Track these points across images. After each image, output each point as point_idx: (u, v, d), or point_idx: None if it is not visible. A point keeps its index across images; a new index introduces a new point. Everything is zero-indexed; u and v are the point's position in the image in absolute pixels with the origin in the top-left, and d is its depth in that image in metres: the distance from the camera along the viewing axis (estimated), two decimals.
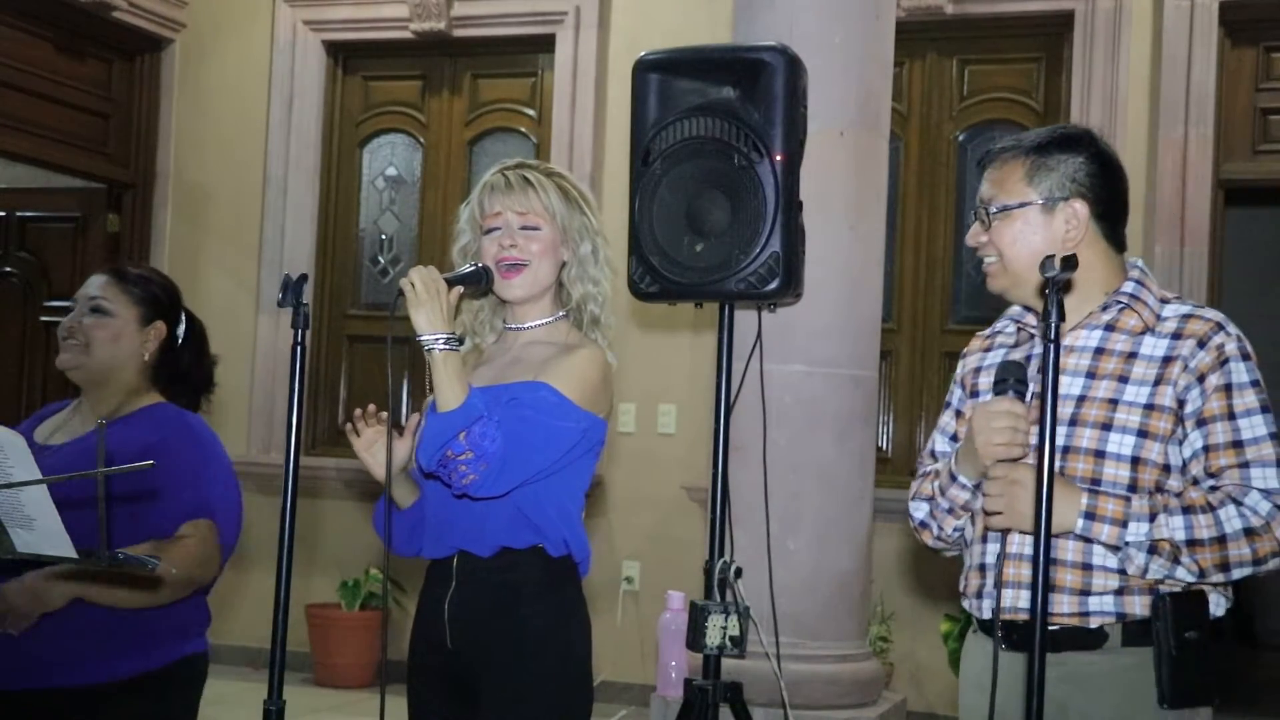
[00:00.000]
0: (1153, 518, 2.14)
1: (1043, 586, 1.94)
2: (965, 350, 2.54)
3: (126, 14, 6.65)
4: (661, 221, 3.24)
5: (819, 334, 4.12)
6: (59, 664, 2.59)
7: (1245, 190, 6.09)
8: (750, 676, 3.50)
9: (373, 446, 2.46)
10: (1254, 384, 2.22)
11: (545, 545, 2.42)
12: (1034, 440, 2.18)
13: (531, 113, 6.68)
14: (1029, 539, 2.15)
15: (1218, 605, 2.23)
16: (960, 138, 6.17)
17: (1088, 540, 2.18)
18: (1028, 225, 2.31)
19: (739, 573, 3.25)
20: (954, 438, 2.46)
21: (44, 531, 2.15)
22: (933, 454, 2.49)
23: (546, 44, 6.53)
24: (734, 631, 3.15)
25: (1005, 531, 2.21)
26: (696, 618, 3.16)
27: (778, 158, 3.17)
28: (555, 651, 2.42)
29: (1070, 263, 1.99)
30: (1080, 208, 2.30)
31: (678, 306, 3.68)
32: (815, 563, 4.13)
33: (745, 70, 3.25)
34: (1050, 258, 2.02)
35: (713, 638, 3.14)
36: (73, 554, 2.15)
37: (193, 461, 2.69)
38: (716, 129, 3.21)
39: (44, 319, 6.98)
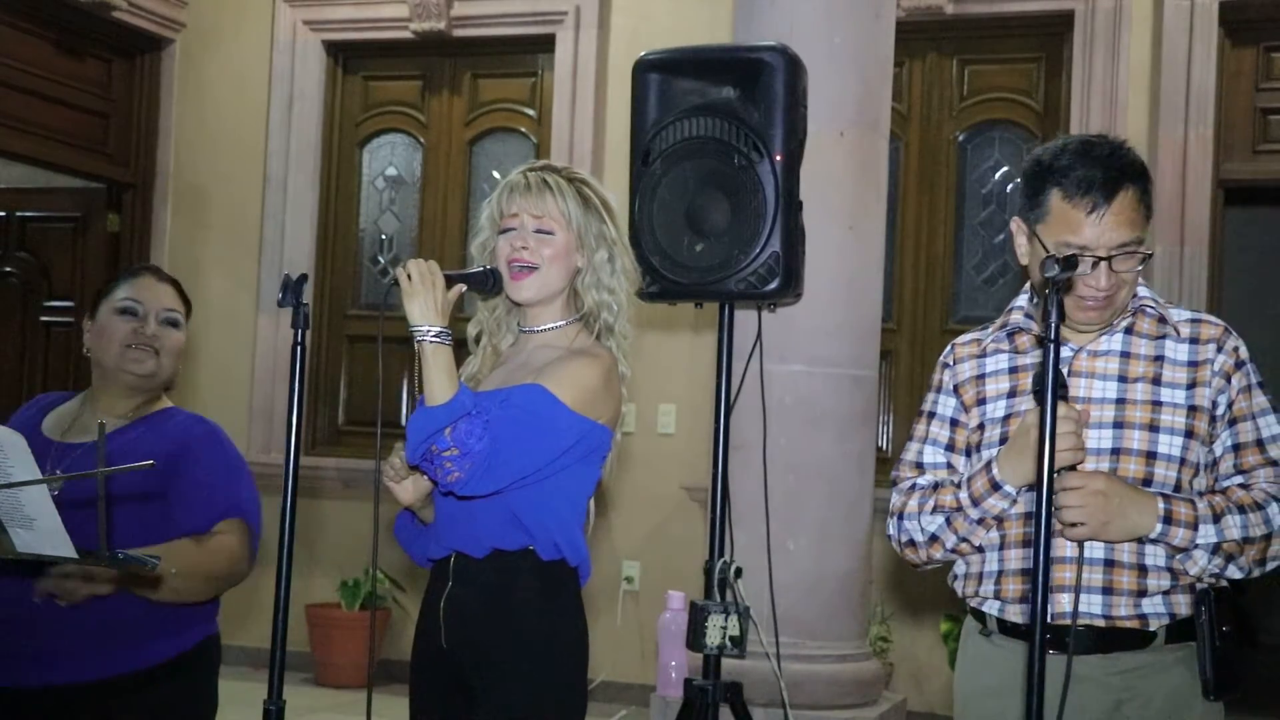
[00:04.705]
0: (1217, 519, 2.20)
1: (1043, 587, 1.92)
2: (949, 358, 2.47)
3: (126, 14, 6.65)
4: (661, 221, 3.25)
5: (819, 334, 4.12)
6: (79, 657, 2.61)
7: (1245, 190, 6.09)
8: (750, 676, 3.50)
9: (403, 481, 2.47)
10: (1261, 385, 2.32)
11: (536, 548, 2.40)
12: (1088, 444, 2.23)
13: (531, 113, 6.68)
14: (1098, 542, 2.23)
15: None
16: (960, 138, 6.17)
17: (1152, 543, 2.23)
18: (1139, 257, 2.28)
19: (739, 573, 3.26)
20: (949, 447, 2.41)
21: (44, 531, 2.15)
22: (918, 465, 2.43)
23: (546, 44, 6.53)
24: (734, 631, 3.15)
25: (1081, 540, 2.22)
26: (696, 618, 3.17)
27: (778, 158, 3.18)
28: (546, 655, 2.40)
29: (1070, 263, 1.98)
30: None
31: (678, 306, 3.68)
32: (815, 563, 4.13)
33: (745, 70, 3.25)
34: (1050, 258, 2.01)
35: (713, 638, 3.15)
36: (73, 554, 2.15)
37: (224, 463, 2.77)
38: (716, 129, 3.22)
39: (44, 319, 6.98)
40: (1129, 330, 2.33)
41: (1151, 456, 2.25)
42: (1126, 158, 2.27)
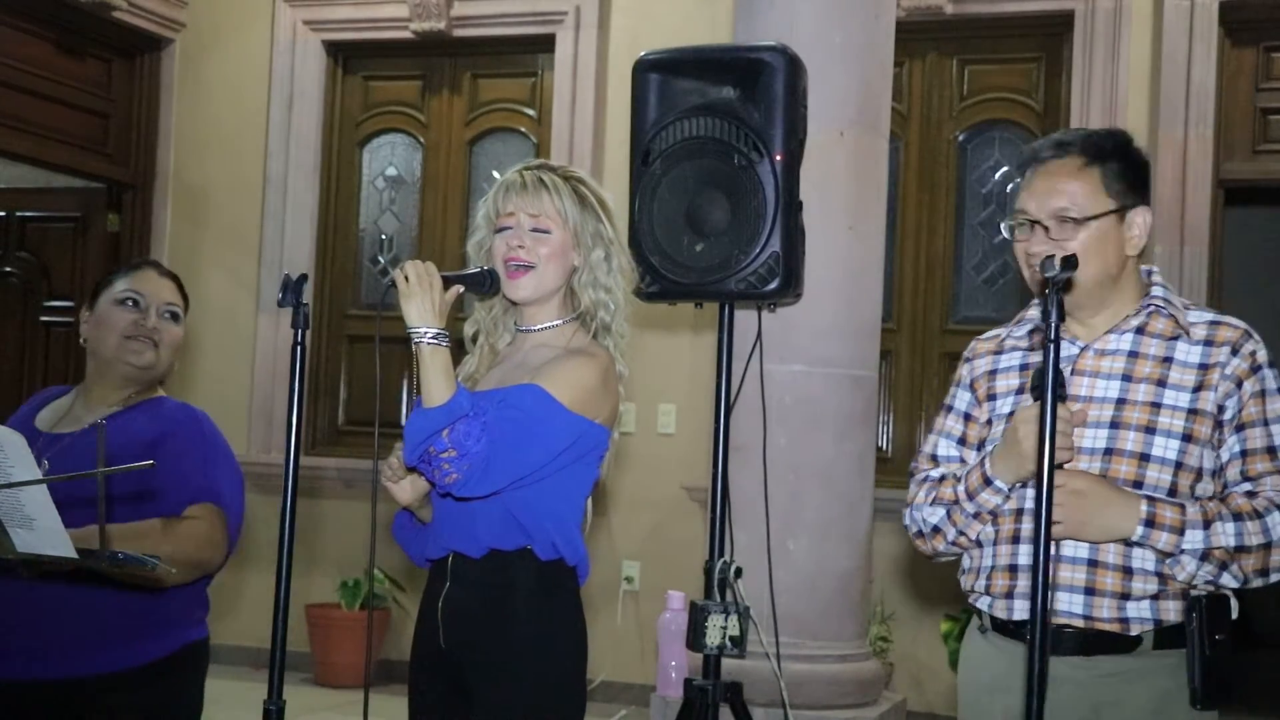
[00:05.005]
0: (1207, 525, 2.17)
1: (1043, 586, 1.93)
2: (969, 354, 2.51)
3: (126, 14, 6.65)
4: (661, 221, 3.24)
5: (819, 334, 4.12)
6: (68, 653, 2.62)
7: (1245, 190, 6.09)
8: (750, 676, 3.50)
9: (401, 481, 2.47)
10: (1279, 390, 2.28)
11: (534, 548, 2.40)
12: (1078, 443, 2.24)
13: (531, 113, 6.68)
14: (1079, 541, 2.21)
15: (1234, 609, 2.26)
16: (960, 138, 6.17)
17: (1138, 546, 2.20)
18: (1105, 234, 2.28)
19: (739, 573, 3.25)
20: (961, 441, 2.44)
21: (44, 531, 2.15)
22: (933, 458, 2.46)
23: (546, 44, 6.53)
24: (734, 631, 3.15)
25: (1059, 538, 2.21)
26: (696, 618, 3.16)
27: (778, 158, 3.17)
28: (544, 655, 2.40)
29: (1070, 262, 1.99)
30: (1146, 215, 2.31)
31: (678, 306, 3.68)
32: (815, 563, 4.13)
33: (745, 70, 3.25)
34: (1050, 258, 2.02)
35: (713, 638, 3.14)
36: (73, 554, 2.15)
37: (201, 450, 2.76)
38: (716, 129, 3.21)
39: (44, 319, 6.98)
40: (1140, 330, 2.30)
41: (1145, 459, 2.22)
42: (1087, 134, 2.34)
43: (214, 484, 2.73)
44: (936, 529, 2.39)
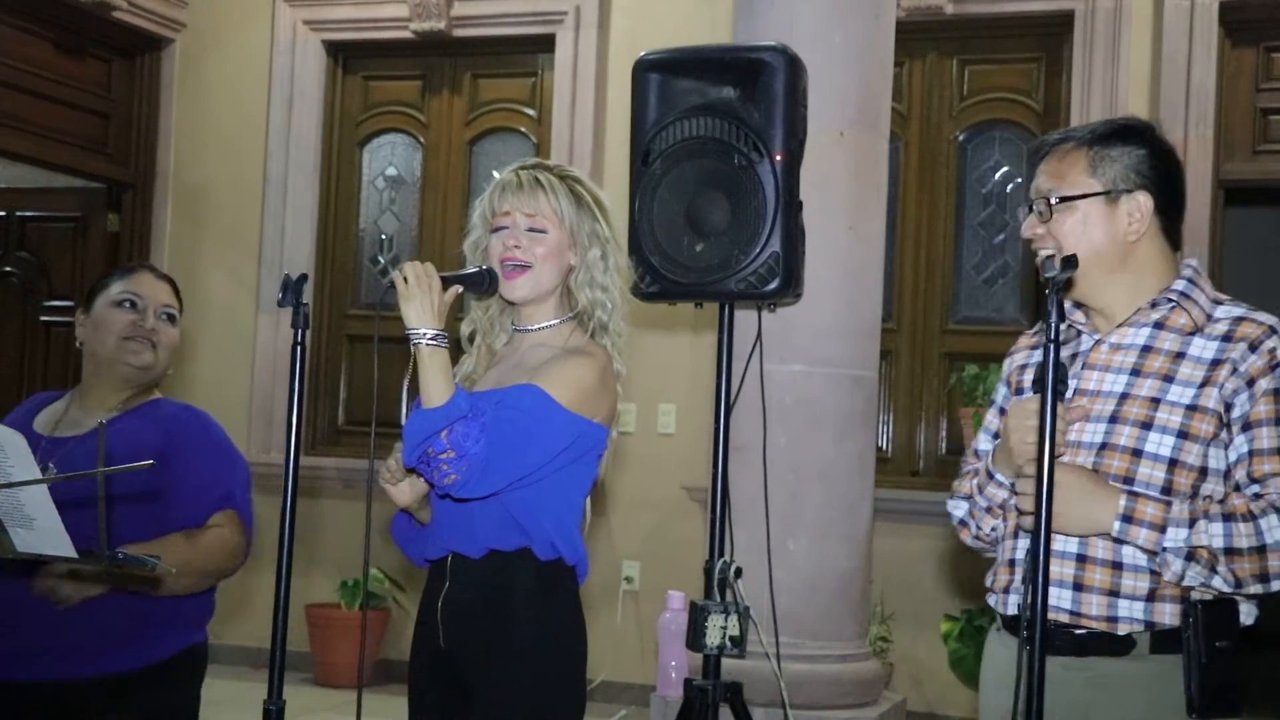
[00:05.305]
0: (1192, 523, 2.08)
1: (1043, 585, 1.93)
2: (1013, 348, 2.50)
3: (126, 14, 6.65)
4: (661, 221, 3.24)
5: (819, 334, 4.12)
6: (70, 654, 2.62)
7: (1245, 190, 6.09)
8: (750, 676, 3.50)
9: (399, 482, 2.48)
10: None
11: (533, 548, 2.40)
12: (1072, 438, 2.21)
13: (531, 113, 6.68)
14: (1065, 536, 2.17)
15: (1248, 615, 2.19)
16: (960, 138, 6.16)
17: (1122, 542, 2.14)
18: (1089, 217, 2.25)
19: (739, 573, 3.25)
20: (996, 435, 2.43)
21: (44, 531, 2.15)
22: (976, 452, 2.47)
23: (546, 44, 6.52)
24: (734, 631, 3.14)
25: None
26: (696, 618, 3.16)
27: (778, 158, 3.17)
28: (544, 655, 2.40)
29: (1070, 262, 1.98)
30: (1144, 200, 2.27)
31: (678, 306, 3.68)
32: (815, 563, 4.13)
33: (745, 70, 3.24)
34: (1050, 258, 2.01)
35: (713, 638, 3.14)
36: (73, 553, 2.15)
37: (213, 454, 2.78)
38: (716, 129, 3.21)
39: (44, 319, 6.98)
40: (1159, 325, 2.25)
41: (1137, 454, 2.15)
42: (1091, 124, 2.35)
43: (231, 489, 2.75)
44: (962, 522, 2.43)
